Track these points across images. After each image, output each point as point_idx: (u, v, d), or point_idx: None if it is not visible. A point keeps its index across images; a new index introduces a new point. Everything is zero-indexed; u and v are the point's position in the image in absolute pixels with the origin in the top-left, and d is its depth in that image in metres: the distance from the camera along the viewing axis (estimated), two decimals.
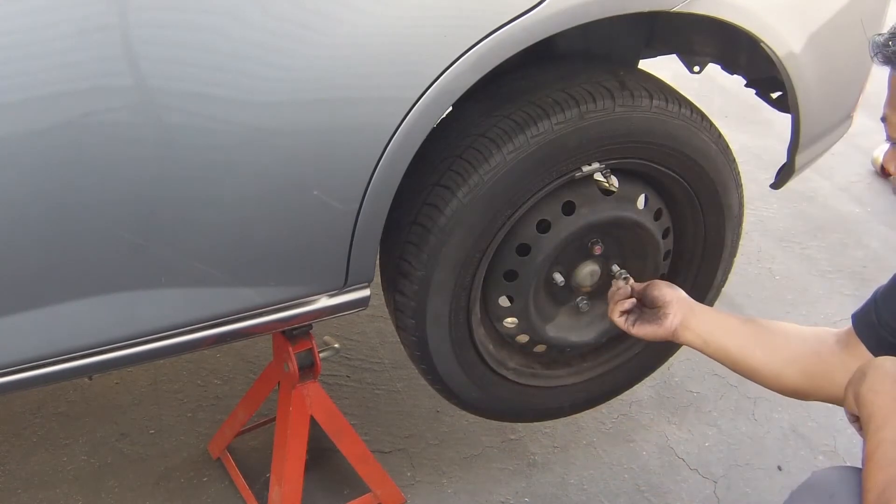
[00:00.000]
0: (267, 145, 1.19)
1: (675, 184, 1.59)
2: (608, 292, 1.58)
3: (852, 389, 1.12)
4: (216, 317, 1.32)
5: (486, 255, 1.49)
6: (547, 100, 1.39)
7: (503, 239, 1.50)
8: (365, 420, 2.04)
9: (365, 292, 1.43)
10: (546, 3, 1.24)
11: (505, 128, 1.38)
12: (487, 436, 2.02)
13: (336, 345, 1.65)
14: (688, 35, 1.70)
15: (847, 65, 1.70)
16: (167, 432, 1.99)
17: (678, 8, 1.36)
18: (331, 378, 2.14)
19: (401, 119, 1.23)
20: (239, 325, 1.35)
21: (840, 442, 2.02)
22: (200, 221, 1.23)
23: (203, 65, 1.11)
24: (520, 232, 1.50)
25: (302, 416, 1.62)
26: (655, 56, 1.81)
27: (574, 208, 1.51)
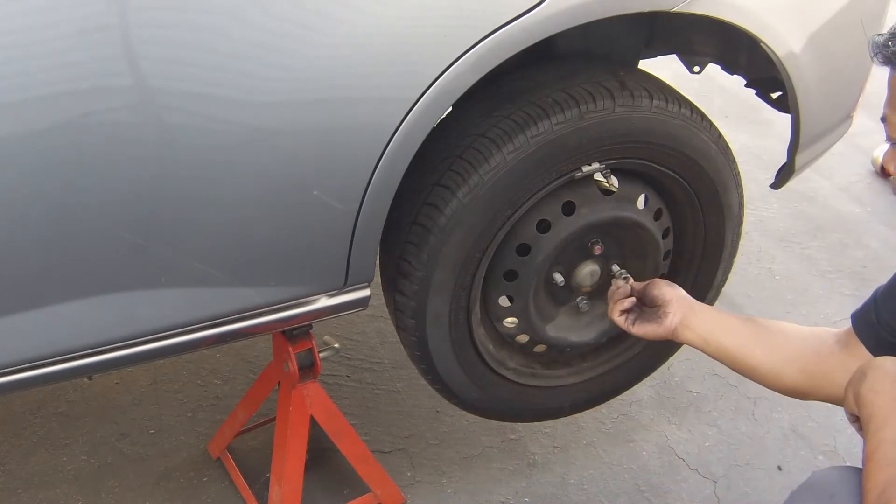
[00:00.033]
0: (267, 145, 1.19)
1: (675, 184, 1.59)
2: (608, 292, 1.58)
3: (852, 389, 1.12)
4: (216, 317, 1.32)
5: (486, 255, 1.49)
6: (547, 100, 1.40)
7: (503, 239, 1.50)
8: (365, 420, 2.04)
9: (365, 292, 1.43)
10: (546, 3, 1.24)
11: (505, 128, 1.38)
12: (487, 436, 2.02)
13: (336, 345, 1.65)
14: (688, 35, 1.70)
15: (847, 65, 1.70)
16: (167, 432, 1.99)
17: (678, 8, 1.36)
18: (331, 378, 2.14)
19: (401, 119, 1.23)
20: (239, 325, 1.35)
21: (840, 442, 2.02)
22: (200, 221, 1.23)
23: (203, 65, 1.11)
24: (520, 232, 1.50)
25: (302, 416, 1.62)
26: (655, 56, 1.81)
27: (574, 208, 1.51)
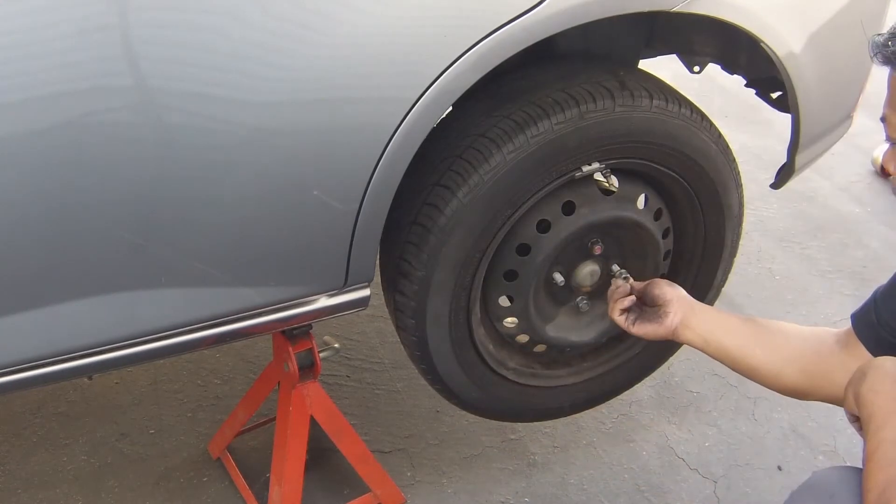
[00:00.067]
0: (267, 145, 1.19)
1: (675, 184, 1.59)
2: (608, 291, 1.58)
3: (852, 389, 1.12)
4: (216, 317, 1.32)
5: (486, 255, 1.49)
6: (547, 100, 1.40)
7: (503, 239, 1.50)
8: (365, 420, 2.04)
9: (365, 292, 1.43)
10: (546, 3, 1.24)
11: (505, 128, 1.38)
12: (487, 436, 2.02)
13: (336, 345, 1.65)
14: (688, 35, 1.70)
15: (847, 65, 1.70)
16: (167, 432, 1.99)
17: (678, 8, 1.36)
18: (331, 378, 2.14)
19: (401, 119, 1.23)
20: (239, 325, 1.35)
21: (840, 442, 2.02)
22: (200, 221, 1.22)
23: (203, 65, 1.11)
24: (520, 232, 1.50)
25: (302, 416, 1.62)
26: (655, 56, 1.81)
27: (574, 208, 1.51)
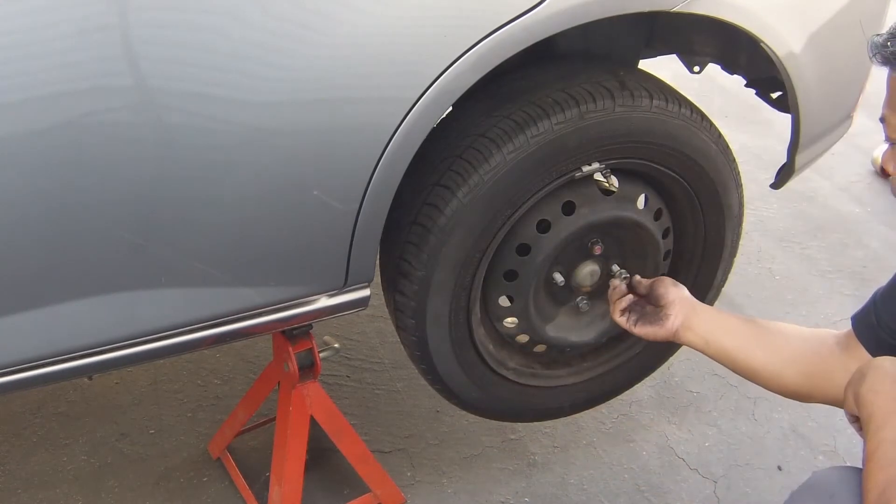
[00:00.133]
0: (267, 145, 1.19)
1: (675, 184, 1.59)
2: (608, 292, 1.58)
3: (852, 390, 1.12)
4: (216, 317, 1.32)
5: (486, 255, 1.49)
6: (547, 100, 1.39)
7: (503, 239, 1.50)
8: (365, 420, 2.04)
9: (365, 292, 1.43)
10: (546, 3, 1.24)
11: (505, 128, 1.38)
12: (487, 436, 2.02)
13: (336, 345, 1.65)
14: (688, 35, 1.70)
15: (847, 65, 1.70)
16: (167, 432, 1.99)
17: (678, 8, 1.36)
18: (331, 378, 2.14)
19: (401, 119, 1.23)
20: (239, 325, 1.35)
21: (840, 442, 2.02)
22: (200, 221, 1.22)
23: (203, 65, 1.11)
24: (520, 232, 1.50)
25: (302, 416, 1.62)
26: (655, 56, 1.81)
27: (574, 208, 1.51)
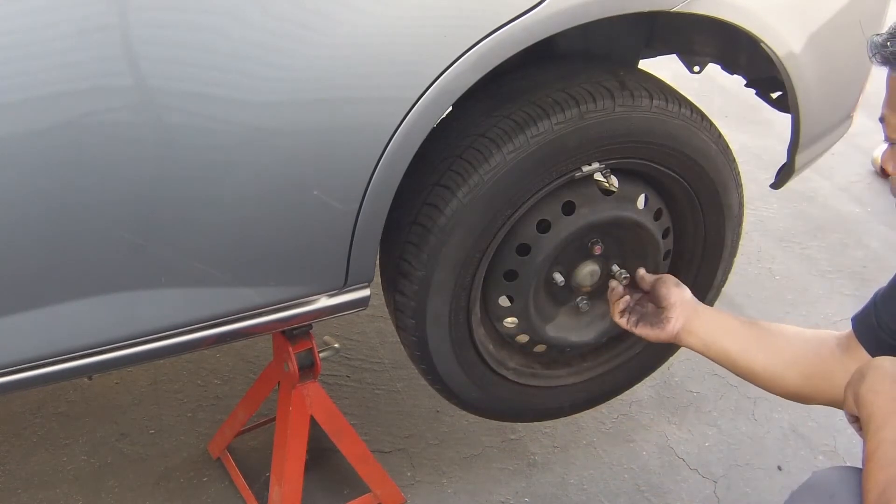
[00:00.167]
0: (267, 145, 1.19)
1: (675, 184, 1.59)
2: (607, 293, 1.58)
3: (852, 390, 1.12)
4: (216, 317, 1.32)
5: (486, 255, 1.49)
6: (547, 100, 1.39)
7: (503, 239, 1.50)
8: (365, 420, 2.04)
9: (365, 292, 1.43)
10: (546, 3, 1.24)
11: (505, 128, 1.38)
12: (487, 436, 2.02)
13: (336, 345, 1.65)
14: (688, 35, 1.70)
15: (847, 65, 1.70)
16: (167, 432, 1.99)
17: (678, 8, 1.36)
18: (331, 378, 2.14)
19: (401, 119, 1.23)
20: (239, 325, 1.35)
21: (840, 442, 2.02)
22: (200, 221, 1.22)
23: (203, 65, 1.11)
24: (520, 232, 1.50)
25: (302, 416, 1.62)
26: (655, 56, 1.81)
27: (574, 208, 1.51)
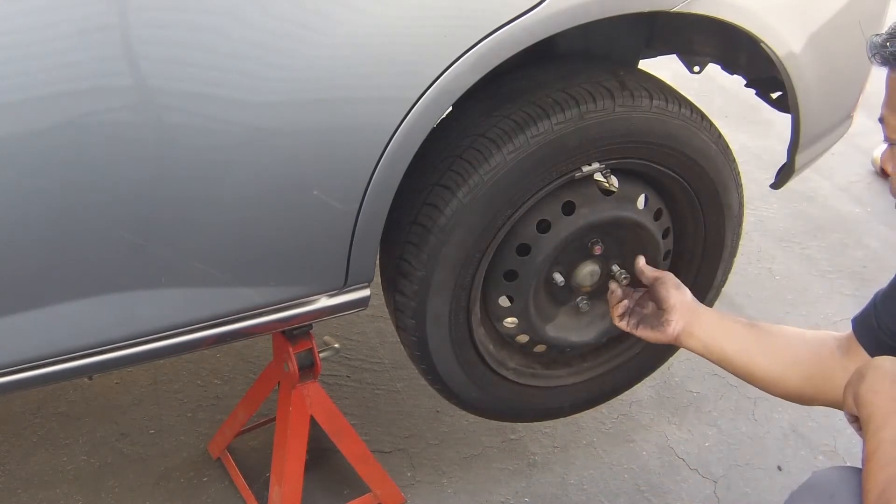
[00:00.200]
0: (267, 145, 1.19)
1: (675, 184, 1.59)
2: (607, 295, 1.58)
3: (851, 390, 1.12)
4: (216, 317, 1.32)
5: (486, 255, 1.49)
6: (547, 100, 1.39)
7: (503, 239, 1.50)
8: (365, 420, 2.04)
9: (365, 292, 1.43)
10: (546, 3, 1.24)
11: (505, 128, 1.38)
12: (487, 436, 2.02)
13: (336, 345, 1.65)
14: (688, 35, 1.70)
15: (847, 65, 1.70)
16: (167, 432, 1.99)
17: (678, 8, 1.36)
18: (331, 378, 2.14)
19: (401, 119, 1.23)
20: (239, 325, 1.35)
21: (840, 442, 2.02)
22: (200, 221, 1.23)
23: (203, 65, 1.11)
24: (520, 232, 1.50)
25: (302, 416, 1.62)
26: (655, 56, 1.81)
27: (574, 208, 1.51)
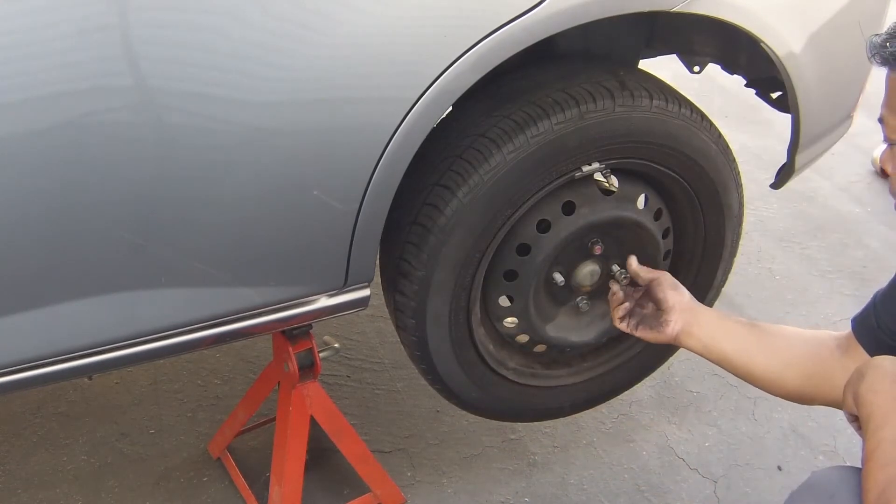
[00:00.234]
0: (267, 145, 1.19)
1: (675, 184, 1.59)
2: (608, 296, 1.58)
3: (851, 389, 1.12)
4: (216, 317, 1.32)
5: (486, 255, 1.49)
6: (547, 100, 1.40)
7: (503, 239, 1.50)
8: (365, 420, 2.04)
9: (365, 292, 1.43)
10: (546, 3, 1.24)
11: (505, 128, 1.38)
12: (487, 436, 2.02)
13: (336, 345, 1.65)
14: (688, 35, 1.70)
15: (847, 65, 1.70)
16: (167, 432, 1.99)
17: (678, 8, 1.36)
18: (331, 378, 2.14)
19: (401, 119, 1.23)
20: (239, 325, 1.35)
21: (840, 442, 2.02)
22: (200, 221, 1.23)
23: (203, 65, 1.11)
24: (520, 232, 1.50)
25: (302, 416, 1.62)
26: (655, 56, 1.81)
27: (574, 208, 1.51)
